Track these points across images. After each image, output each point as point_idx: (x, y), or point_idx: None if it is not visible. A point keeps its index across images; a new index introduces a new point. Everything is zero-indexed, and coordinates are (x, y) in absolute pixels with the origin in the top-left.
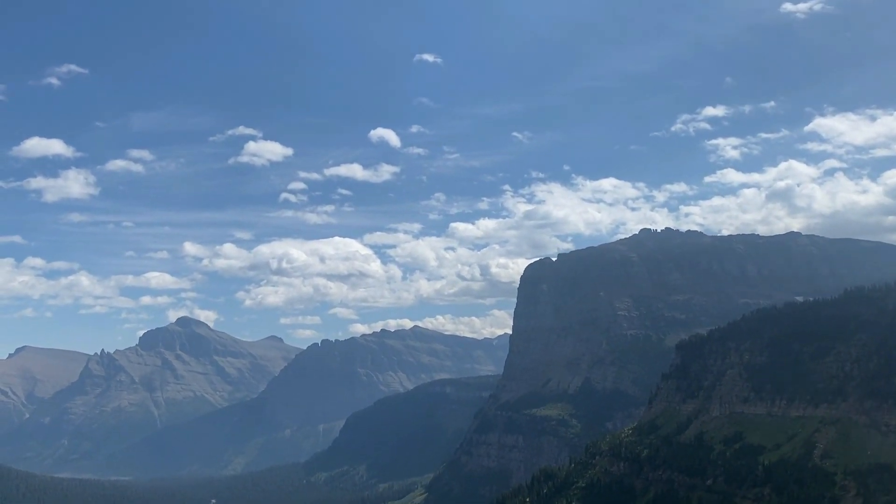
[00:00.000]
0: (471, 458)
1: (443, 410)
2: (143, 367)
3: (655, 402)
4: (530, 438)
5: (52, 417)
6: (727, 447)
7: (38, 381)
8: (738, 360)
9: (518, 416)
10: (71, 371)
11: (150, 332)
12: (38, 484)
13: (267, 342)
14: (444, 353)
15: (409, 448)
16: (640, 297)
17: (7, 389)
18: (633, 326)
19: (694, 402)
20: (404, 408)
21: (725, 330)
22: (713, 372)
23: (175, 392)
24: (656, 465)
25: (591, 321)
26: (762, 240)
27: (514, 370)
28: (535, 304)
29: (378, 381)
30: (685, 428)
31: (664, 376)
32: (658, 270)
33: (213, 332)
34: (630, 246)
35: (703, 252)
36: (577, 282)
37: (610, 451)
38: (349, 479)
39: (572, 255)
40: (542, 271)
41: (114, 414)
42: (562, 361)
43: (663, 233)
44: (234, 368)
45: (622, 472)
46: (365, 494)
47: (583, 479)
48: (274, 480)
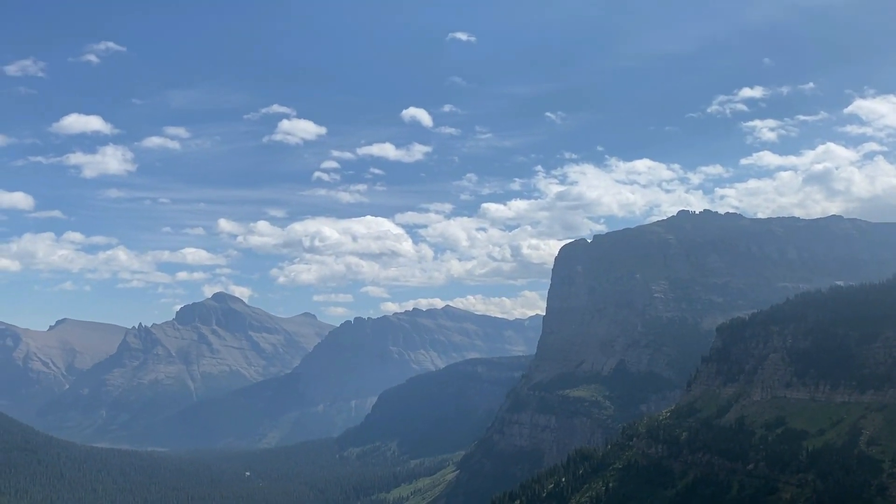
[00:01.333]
0: (503, 436)
1: (474, 389)
2: (179, 340)
3: (694, 385)
4: (563, 419)
5: (90, 389)
6: (769, 432)
7: (78, 353)
8: (781, 345)
9: (551, 397)
10: (109, 344)
11: (186, 307)
12: (79, 453)
13: (301, 318)
14: (476, 332)
15: (440, 426)
16: (677, 279)
17: (48, 361)
18: (668, 309)
19: (734, 386)
20: (436, 386)
21: (768, 313)
22: (755, 356)
23: (211, 366)
24: (695, 448)
25: (627, 303)
26: (802, 223)
27: (547, 350)
28: (569, 284)
29: (409, 359)
30: (725, 411)
31: (704, 359)
32: (695, 253)
33: (249, 308)
34: (667, 227)
35: (741, 235)
36: (612, 263)
37: (647, 433)
38: (381, 454)
39: (608, 236)
40: (576, 252)
41: (151, 386)
42: (596, 343)
43: (701, 215)
44: (268, 344)
45: (660, 454)
46: (396, 470)
47: (619, 460)
48: (307, 454)
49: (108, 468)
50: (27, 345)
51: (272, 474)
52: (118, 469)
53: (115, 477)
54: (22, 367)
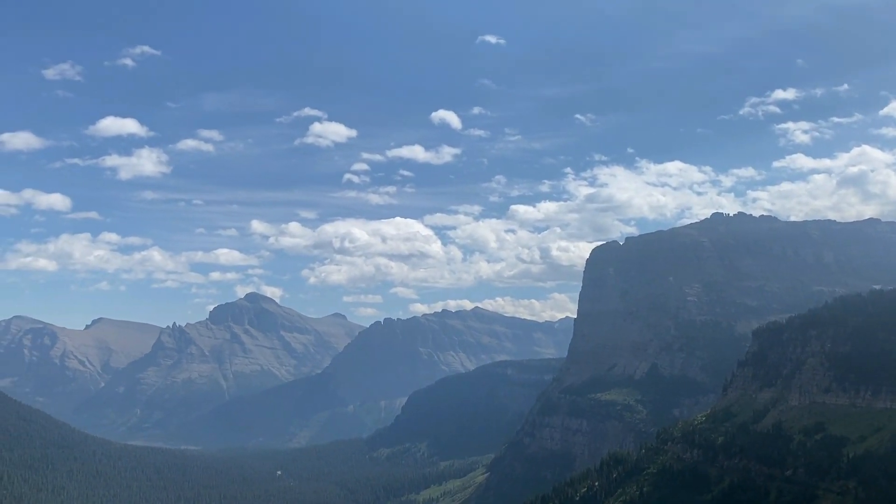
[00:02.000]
0: (533, 439)
1: (504, 392)
2: (212, 340)
3: (730, 390)
4: (594, 423)
5: (125, 387)
6: (808, 438)
7: (113, 352)
8: (820, 349)
9: (582, 400)
10: (144, 343)
11: (219, 307)
12: (114, 450)
13: (331, 319)
14: (505, 334)
15: (470, 428)
16: (711, 282)
17: (84, 359)
18: (702, 312)
19: (771, 391)
20: (465, 388)
21: (805, 317)
22: (792, 360)
23: (243, 365)
24: (732, 453)
25: (659, 306)
26: (839, 226)
27: (578, 354)
28: (601, 287)
29: (439, 360)
30: (762, 416)
31: (740, 363)
32: (729, 255)
33: (280, 308)
34: (701, 230)
35: (776, 238)
36: (644, 266)
37: (683, 437)
38: (410, 455)
39: (640, 238)
40: (608, 254)
41: (184, 385)
42: (628, 346)
43: (735, 217)
44: (299, 344)
45: (695, 459)
46: (426, 471)
47: (654, 464)
48: (337, 454)
49: (142, 466)
50: (64, 343)
51: (303, 473)
52: (152, 467)
53: (149, 474)
54: (59, 366)
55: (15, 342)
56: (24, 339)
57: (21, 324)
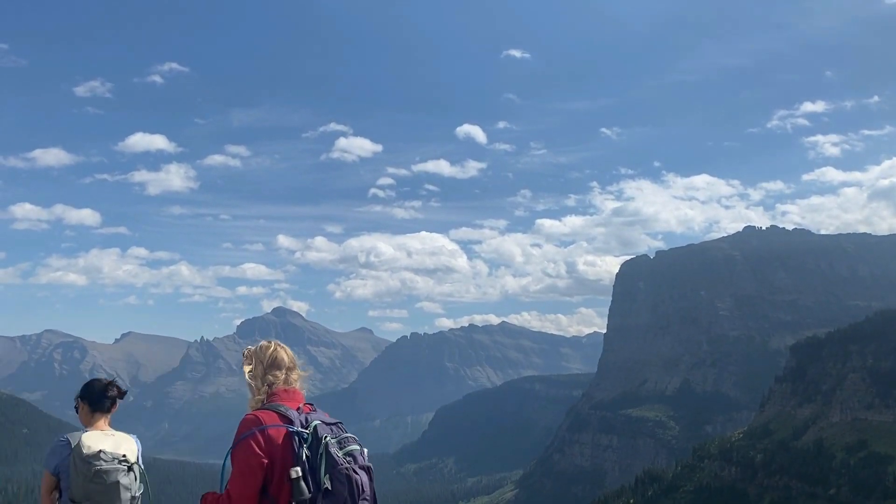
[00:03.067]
0: (563, 456)
1: (532, 407)
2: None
3: (768, 406)
4: (626, 439)
5: (154, 401)
6: (850, 455)
7: (142, 366)
8: (861, 364)
9: (613, 416)
10: (172, 357)
11: (247, 321)
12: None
13: (358, 333)
14: (532, 349)
15: (498, 443)
16: (743, 296)
17: (113, 373)
18: (735, 327)
19: (811, 407)
20: (493, 403)
21: (845, 332)
22: (832, 376)
23: None
24: (772, 471)
25: (691, 320)
26: (874, 239)
27: (608, 369)
28: (631, 301)
29: (466, 375)
30: (802, 433)
31: (777, 379)
32: (762, 269)
33: (307, 322)
34: (732, 243)
35: (810, 251)
36: (675, 279)
37: (720, 454)
38: (438, 471)
39: (670, 252)
40: (639, 268)
41: (212, 399)
42: (659, 361)
43: (768, 230)
44: (326, 358)
45: (734, 476)
46: (454, 488)
47: (690, 482)
48: None
49: (170, 479)
50: (93, 357)
51: None
52: (180, 480)
53: (177, 488)
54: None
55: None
56: (54, 353)
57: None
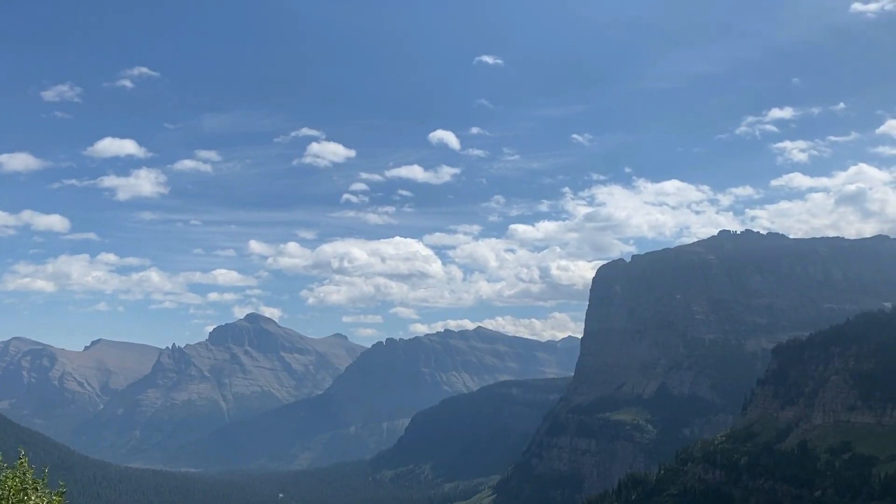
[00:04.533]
0: (541, 460)
1: (508, 412)
2: (212, 361)
3: (750, 409)
4: (604, 443)
5: (125, 409)
6: (834, 457)
7: (112, 374)
8: (843, 366)
9: (590, 420)
10: (143, 364)
11: (219, 328)
12: (114, 473)
13: (332, 339)
14: (508, 354)
15: (475, 448)
16: (719, 300)
17: (83, 381)
18: (711, 330)
19: (793, 409)
20: (469, 408)
21: (827, 334)
22: (814, 378)
23: (243, 386)
24: (756, 473)
25: (667, 324)
26: (847, 243)
27: (585, 373)
28: (608, 305)
29: (441, 380)
30: (785, 436)
31: (759, 382)
32: (738, 273)
33: (280, 329)
34: (708, 248)
35: (784, 255)
36: (651, 284)
37: (703, 457)
38: (414, 477)
39: (646, 256)
40: (615, 272)
41: (184, 407)
42: (636, 365)
43: (742, 235)
44: (300, 364)
45: (718, 479)
46: (431, 493)
47: (674, 486)
48: (340, 476)
49: (142, 488)
50: (63, 365)
51: (306, 496)
52: (153, 489)
53: (150, 497)
54: (58, 387)
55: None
56: (22, 361)
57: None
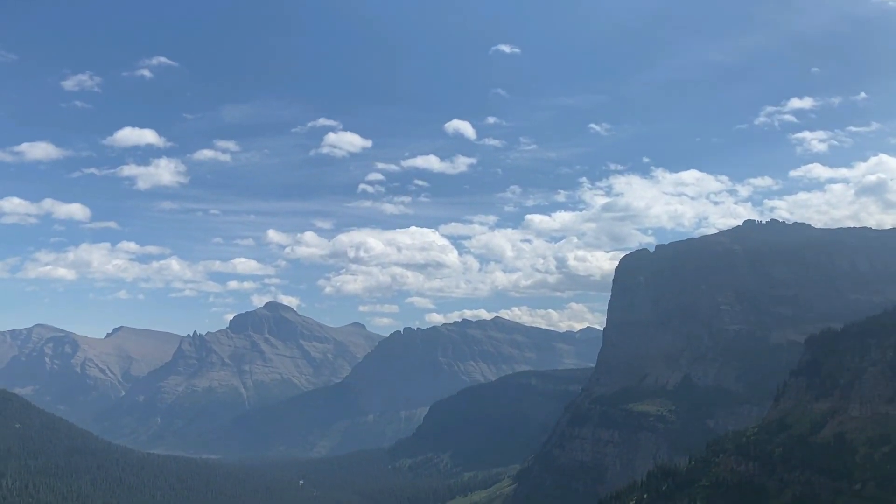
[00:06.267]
0: (563, 451)
1: (528, 402)
2: (232, 348)
3: (782, 400)
4: (626, 434)
5: (146, 396)
6: (873, 450)
7: (134, 361)
8: (881, 358)
9: (613, 411)
10: (164, 351)
11: (239, 316)
12: (136, 459)
13: (350, 328)
14: (526, 344)
15: (494, 438)
16: (744, 291)
17: (105, 368)
18: (735, 321)
19: (828, 401)
20: (488, 398)
21: (863, 325)
22: (850, 369)
23: (263, 374)
24: (792, 465)
25: (692, 315)
26: (874, 233)
27: (608, 364)
28: (631, 296)
29: (459, 370)
30: (820, 428)
31: (792, 373)
32: (763, 263)
33: (300, 317)
34: (733, 238)
35: (810, 245)
36: (676, 274)
37: (736, 449)
38: (433, 466)
39: (670, 246)
40: (638, 262)
41: (204, 394)
42: (660, 356)
43: (768, 225)
44: (319, 353)
45: (752, 471)
46: (450, 482)
47: (706, 477)
48: (359, 464)
49: (165, 474)
50: (85, 352)
51: (325, 483)
52: (175, 475)
53: (172, 483)
54: (80, 374)
55: (36, 350)
56: (45, 348)
57: (42, 332)
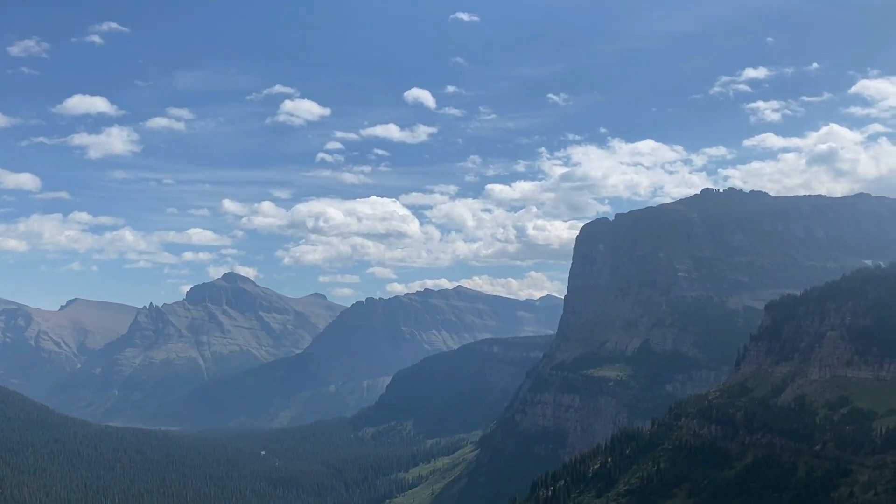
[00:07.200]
0: (525, 416)
1: (490, 369)
2: (190, 320)
3: (743, 364)
4: (587, 399)
5: (102, 368)
6: (833, 412)
7: (89, 333)
8: (840, 322)
9: (574, 377)
10: (120, 323)
11: (196, 287)
12: (94, 432)
13: (311, 299)
14: (487, 313)
15: (456, 405)
16: (702, 258)
17: (60, 340)
18: (693, 288)
19: (788, 365)
20: (450, 366)
21: (822, 290)
22: (810, 334)
23: (221, 346)
24: (754, 428)
25: (650, 282)
26: (829, 201)
27: (568, 330)
28: (591, 263)
29: (422, 339)
30: (781, 391)
31: (753, 338)
32: (720, 231)
33: (259, 288)
34: (691, 206)
35: (767, 213)
36: (635, 242)
37: (698, 412)
38: (396, 434)
39: (630, 214)
40: (598, 231)
41: (162, 366)
42: (619, 322)
43: (725, 193)
44: (278, 324)
45: (714, 434)
46: (413, 450)
47: (668, 440)
48: (322, 434)
49: (124, 447)
50: (38, 324)
51: (288, 454)
52: (135, 448)
53: (132, 455)
54: (34, 347)
55: None
56: None
57: None
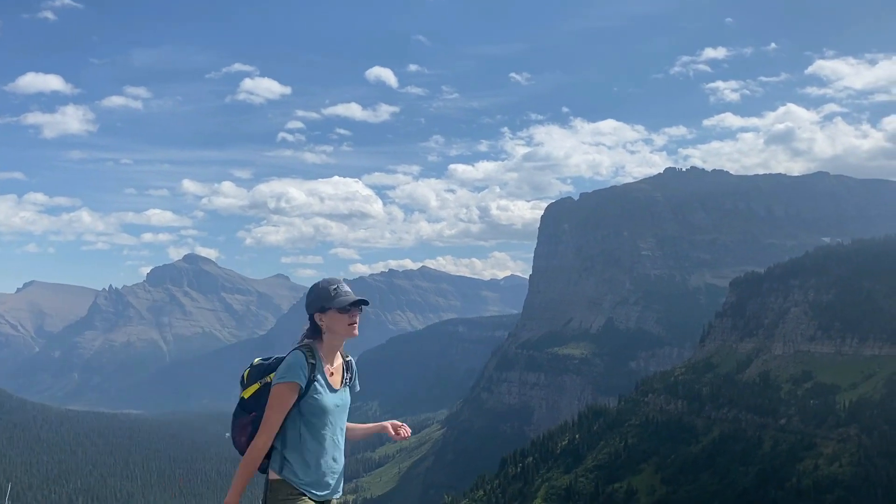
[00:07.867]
0: (491, 394)
1: (455, 349)
2: (150, 302)
3: (708, 341)
4: (552, 376)
5: (62, 351)
6: (797, 386)
7: (47, 316)
8: (803, 298)
9: (539, 355)
10: (79, 306)
11: (157, 269)
12: (54, 416)
13: (274, 280)
14: (452, 293)
15: (422, 385)
16: (664, 236)
17: (16, 323)
18: (656, 266)
19: (753, 341)
20: (416, 346)
21: (786, 267)
22: (774, 310)
23: (183, 328)
24: (719, 403)
25: (614, 261)
26: (788, 179)
27: (533, 309)
28: (556, 243)
29: (387, 320)
30: (745, 366)
31: (717, 314)
32: (682, 210)
33: (220, 269)
34: (654, 185)
35: (728, 192)
36: (599, 221)
37: (665, 389)
38: (362, 414)
39: (594, 194)
40: (563, 210)
41: (123, 348)
42: (583, 301)
43: (688, 172)
44: (241, 305)
45: (681, 410)
46: None
47: (636, 416)
48: None
49: (85, 431)
50: None
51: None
52: (96, 431)
53: (93, 439)
54: None
55: None
56: None
57: None
